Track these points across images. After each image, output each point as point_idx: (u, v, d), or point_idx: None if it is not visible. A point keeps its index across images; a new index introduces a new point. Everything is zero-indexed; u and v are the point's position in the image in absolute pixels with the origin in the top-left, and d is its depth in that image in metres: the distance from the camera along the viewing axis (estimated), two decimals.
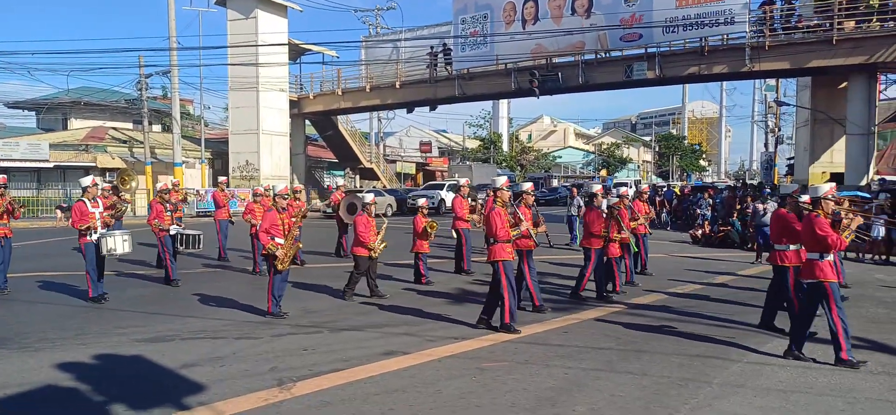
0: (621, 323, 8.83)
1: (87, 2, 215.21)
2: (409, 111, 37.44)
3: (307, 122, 40.42)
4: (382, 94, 35.01)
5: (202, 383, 6.13)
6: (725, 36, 25.25)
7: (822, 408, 5.63)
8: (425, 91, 33.06)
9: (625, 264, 11.69)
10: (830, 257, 6.82)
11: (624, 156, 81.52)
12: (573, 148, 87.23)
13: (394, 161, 54.52)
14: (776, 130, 41.95)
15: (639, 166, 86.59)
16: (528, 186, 9.26)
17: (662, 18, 25.53)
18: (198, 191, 31.61)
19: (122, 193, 14.69)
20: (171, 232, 11.95)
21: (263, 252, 9.01)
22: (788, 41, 24.18)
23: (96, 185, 10.56)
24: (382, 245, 10.57)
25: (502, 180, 8.69)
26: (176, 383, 6.20)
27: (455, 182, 37.83)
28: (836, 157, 25.80)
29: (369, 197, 10.99)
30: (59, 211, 11.54)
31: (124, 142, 36.45)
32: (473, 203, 14.49)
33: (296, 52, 38.45)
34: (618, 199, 11.63)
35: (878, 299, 10.80)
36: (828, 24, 23.10)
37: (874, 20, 22.82)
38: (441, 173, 53.90)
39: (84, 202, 10.11)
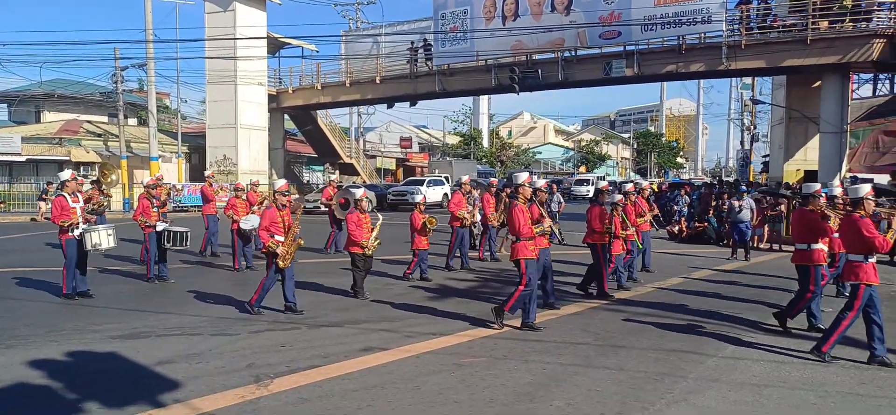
0: (599, 318, 8.91)
1: None
2: (390, 106, 37.31)
3: (286, 116, 40.11)
4: (362, 88, 34.88)
5: (178, 380, 6.07)
6: (702, 34, 25.56)
7: (794, 402, 5.73)
8: (405, 86, 32.98)
9: (624, 262, 11.51)
10: (874, 259, 6.79)
11: (603, 153, 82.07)
12: (553, 144, 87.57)
13: (374, 156, 54.35)
14: (752, 127, 42.52)
15: (617, 163, 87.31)
16: (541, 183, 8.96)
17: (641, 16, 25.75)
18: (173, 185, 31.24)
19: (104, 187, 14.38)
20: (158, 228, 11.47)
21: (263, 250, 8.78)
22: (764, 40, 24.53)
23: (75, 179, 10.25)
24: (376, 243, 10.26)
25: (524, 177, 8.40)
26: (151, 380, 6.13)
27: (436, 178, 37.88)
28: (809, 154, 26.21)
29: (359, 192, 10.65)
30: (42, 203, 11.01)
31: (99, 135, 35.92)
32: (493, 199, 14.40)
33: (275, 46, 38.12)
34: (622, 195, 11.39)
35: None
36: (802, 24, 23.45)
37: (847, 20, 23.23)
38: (421, 169, 53.80)
39: (64, 197, 9.80)
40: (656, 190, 31.12)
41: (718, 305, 9.76)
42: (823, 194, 8.26)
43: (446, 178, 39.22)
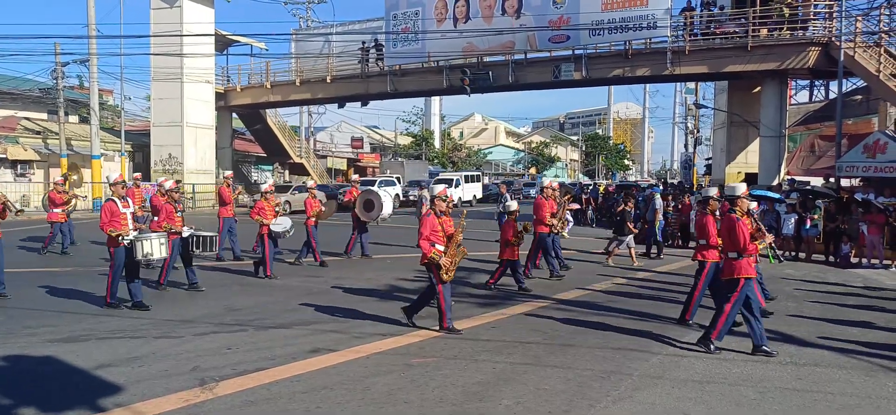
0: (548, 318, 9.01)
1: None
2: (341, 106, 37.10)
3: (234, 115, 39.37)
4: (313, 88, 34.51)
5: (119, 384, 5.88)
6: (648, 40, 26.15)
7: (735, 398, 5.91)
8: (357, 86, 32.79)
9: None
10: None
11: (552, 154, 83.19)
12: (504, 146, 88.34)
13: (325, 156, 53.83)
14: (695, 131, 43.67)
15: (566, 165, 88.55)
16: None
17: (589, 21, 26.19)
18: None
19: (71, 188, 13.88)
20: (184, 234, 10.49)
21: (423, 262, 7.97)
22: (707, 47, 25.26)
23: (124, 181, 9.29)
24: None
25: (742, 189, 7.56)
26: (91, 384, 5.93)
27: (389, 179, 37.65)
28: (750, 158, 27.11)
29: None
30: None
31: (38, 133, 34.49)
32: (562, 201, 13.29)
33: (223, 44, 37.36)
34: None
35: (787, 294, 11.41)
36: (743, 32, 24.23)
37: (785, 29, 24.11)
38: (373, 169, 53.54)
39: (114, 202, 8.97)
40: (602, 191, 31.73)
41: (662, 305, 9.99)
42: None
43: (398, 178, 39.11)
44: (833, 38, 22.43)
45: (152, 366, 6.48)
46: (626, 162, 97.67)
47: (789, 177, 24.45)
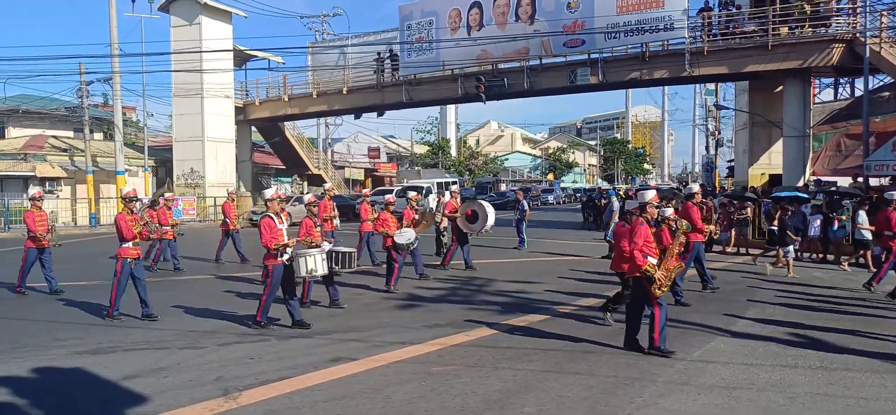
0: (569, 324, 8.94)
1: (26, 7, 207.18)
2: (357, 117, 37.16)
3: (253, 128, 39.75)
4: (329, 100, 34.70)
5: (144, 395, 5.94)
6: (665, 42, 25.91)
7: (763, 403, 5.80)
8: (373, 97, 32.90)
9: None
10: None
11: (570, 160, 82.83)
12: (520, 152, 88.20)
13: (342, 167, 54.08)
14: (716, 133, 43.22)
15: (585, 170, 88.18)
16: (651, 195, 7.91)
17: (604, 25, 26.00)
18: (141, 200, 30.68)
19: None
20: (325, 249, 9.78)
21: (636, 275, 7.45)
22: (726, 47, 24.95)
23: (280, 197, 9.05)
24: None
25: (650, 195, 7.79)
26: (117, 395, 6.00)
27: (402, 186, 37.63)
28: (773, 158, 26.72)
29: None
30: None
31: (65, 150, 35.13)
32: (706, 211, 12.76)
33: (241, 59, 37.80)
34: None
35: (814, 296, 11.23)
36: (763, 31, 23.94)
37: (806, 26, 23.77)
38: (390, 179, 53.67)
39: (271, 218, 8.70)
40: (622, 196, 31.56)
41: (685, 310, 9.86)
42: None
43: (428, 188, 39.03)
44: (857, 34, 22.05)
45: (176, 376, 6.54)
46: (646, 166, 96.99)
47: (815, 177, 24.06)
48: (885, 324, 8.92)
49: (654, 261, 7.38)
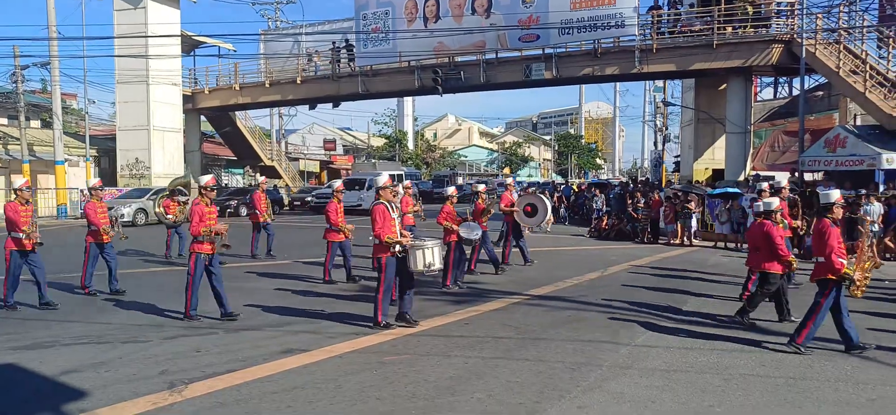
0: (521, 313, 9.08)
1: None
2: (312, 107, 36.75)
3: (203, 118, 38.88)
4: (283, 89, 34.21)
5: (84, 390, 5.78)
6: (617, 39, 26.42)
7: (701, 385, 6.02)
8: (328, 87, 32.57)
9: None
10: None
11: (526, 154, 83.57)
12: (477, 146, 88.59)
13: (297, 159, 53.38)
14: (664, 129, 44.23)
15: (540, 165, 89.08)
16: (836, 195, 7.35)
17: (558, 20, 26.38)
18: (82, 191, 29.71)
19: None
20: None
21: (828, 277, 6.91)
22: (674, 44, 25.60)
23: (392, 184, 8.40)
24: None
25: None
26: (54, 391, 5.82)
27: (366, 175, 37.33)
28: (717, 154, 27.55)
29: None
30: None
31: None
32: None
33: (189, 45, 36.85)
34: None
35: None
36: (709, 30, 24.62)
37: (749, 26, 24.55)
38: (346, 171, 53.25)
39: (385, 205, 7.98)
40: (575, 190, 32.07)
41: (632, 295, 10.13)
42: None
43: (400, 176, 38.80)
44: (795, 36, 22.91)
45: (119, 370, 6.38)
46: (599, 161, 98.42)
47: (755, 172, 24.92)
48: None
49: (844, 261, 6.81)
